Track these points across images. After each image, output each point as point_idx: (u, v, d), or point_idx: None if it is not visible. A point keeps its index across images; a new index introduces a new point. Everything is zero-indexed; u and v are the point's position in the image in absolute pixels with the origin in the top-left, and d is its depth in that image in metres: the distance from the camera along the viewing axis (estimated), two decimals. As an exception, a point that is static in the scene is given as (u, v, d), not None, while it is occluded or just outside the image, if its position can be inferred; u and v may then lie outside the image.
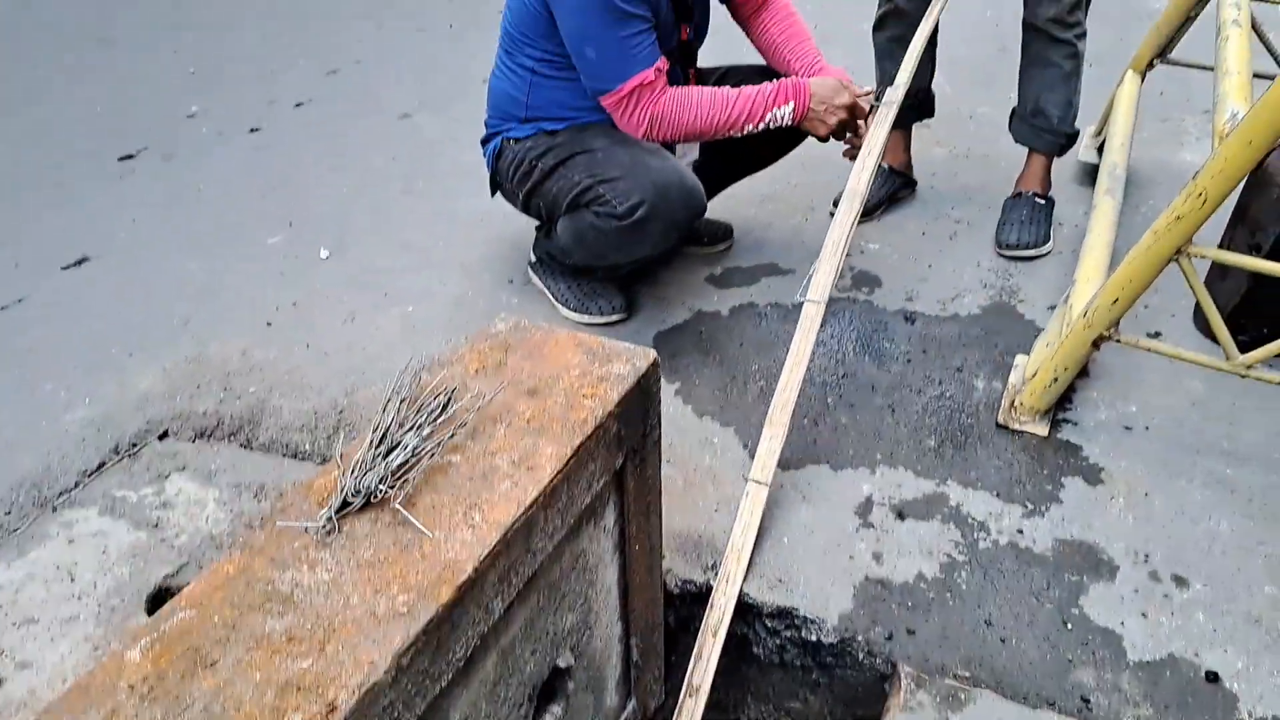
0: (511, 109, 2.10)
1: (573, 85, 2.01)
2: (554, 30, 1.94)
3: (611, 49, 1.87)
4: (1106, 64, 3.11)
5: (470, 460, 1.19)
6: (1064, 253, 2.37)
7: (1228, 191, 1.53)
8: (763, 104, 1.95)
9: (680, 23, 2.03)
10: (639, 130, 1.95)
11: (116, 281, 2.35)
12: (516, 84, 2.07)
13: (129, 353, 2.10)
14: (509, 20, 2.05)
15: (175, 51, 3.67)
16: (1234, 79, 1.71)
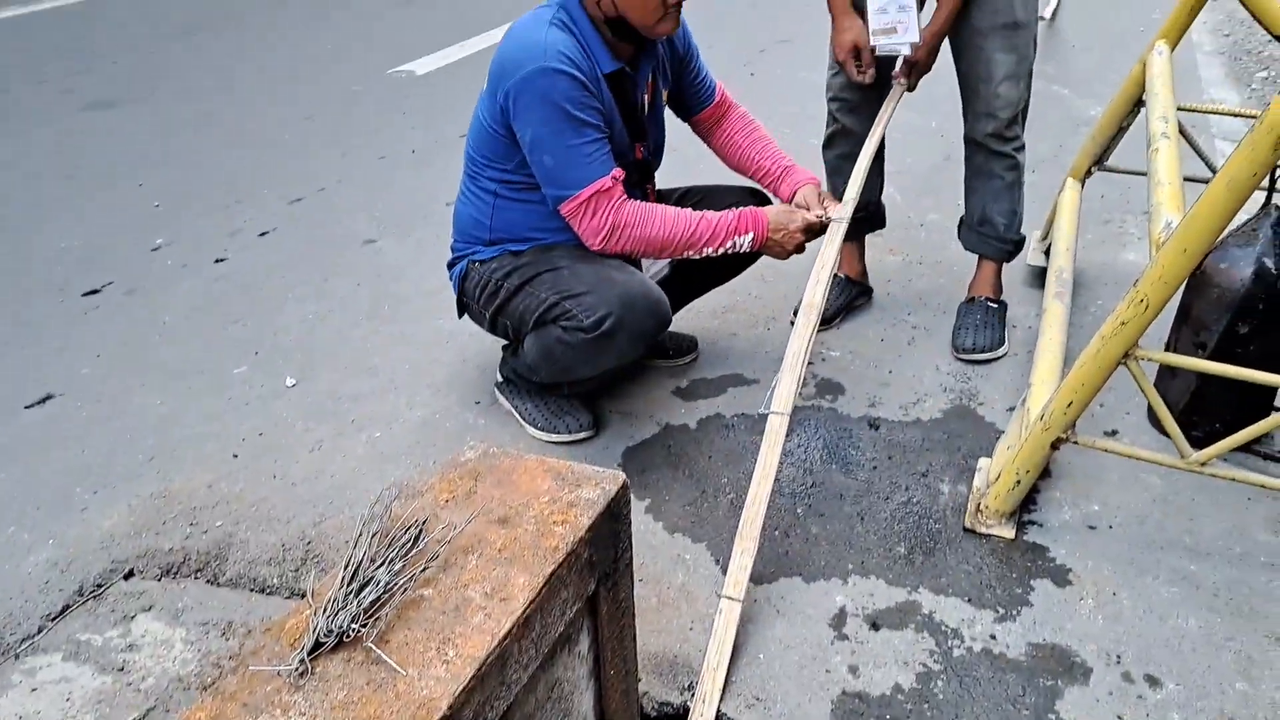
0: (476, 232, 2.15)
1: (535, 207, 2.06)
2: (513, 151, 2.00)
3: (568, 155, 1.93)
4: (1047, 170, 3.24)
5: (443, 593, 1.19)
6: (1019, 354, 2.43)
7: (1168, 297, 1.59)
8: (724, 231, 2.02)
9: (635, 142, 2.10)
10: (598, 237, 1.99)
11: (81, 418, 2.34)
12: (480, 207, 2.12)
13: (93, 490, 2.08)
14: (470, 143, 2.12)
15: (140, 185, 3.72)
16: (1166, 189, 1.79)
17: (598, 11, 1.90)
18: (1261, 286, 1.93)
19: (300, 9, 6.72)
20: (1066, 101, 4.17)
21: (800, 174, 2.23)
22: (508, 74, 1.89)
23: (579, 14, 1.92)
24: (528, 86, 1.86)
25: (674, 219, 2.01)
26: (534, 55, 1.85)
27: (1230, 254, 1.99)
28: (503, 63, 1.92)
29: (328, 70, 5.22)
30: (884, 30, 2.25)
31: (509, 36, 1.94)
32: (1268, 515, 1.90)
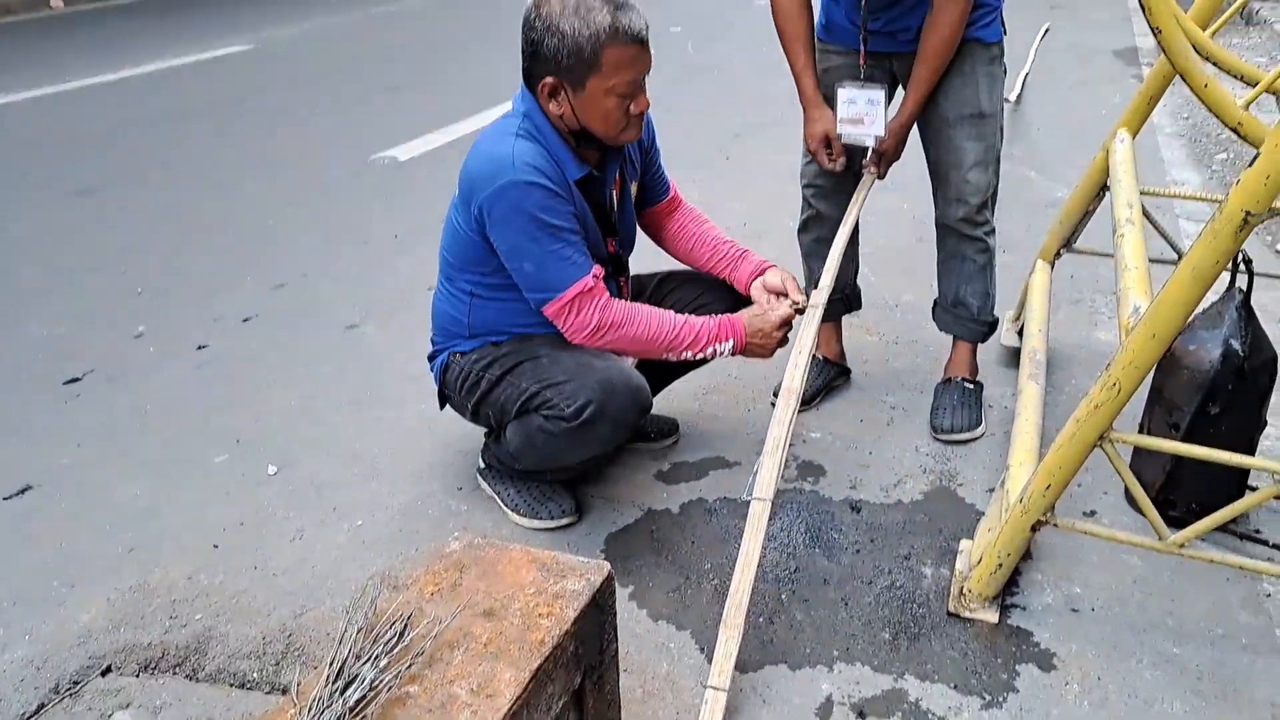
0: (455, 328, 2.17)
1: (513, 305, 2.09)
2: (489, 256, 2.03)
3: (547, 261, 1.96)
4: (1018, 250, 3.31)
5: (428, 690, 1.19)
6: (996, 434, 2.46)
7: (1140, 380, 1.63)
8: (705, 338, 2.07)
9: (607, 238, 2.13)
10: (582, 336, 2.02)
11: (60, 510, 2.32)
12: (458, 306, 2.15)
13: (71, 584, 2.06)
14: (445, 246, 2.15)
15: (123, 272, 3.73)
16: (1133, 274, 1.84)
17: (561, 124, 1.94)
18: (1229, 368, 1.98)
19: (284, 96, 6.82)
20: (1034, 183, 4.28)
21: (755, 259, 2.26)
22: (479, 187, 1.93)
23: (543, 123, 1.95)
24: (501, 199, 1.90)
25: (658, 322, 2.04)
26: (504, 168, 1.89)
27: (1198, 336, 2.04)
28: (473, 176, 1.95)
29: (311, 156, 5.28)
30: (851, 120, 2.32)
31: (476, 150, 1.98)
32: (1246, 595, 1.91)
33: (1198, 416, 2.02)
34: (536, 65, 1.90)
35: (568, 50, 1.83)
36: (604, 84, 1.86)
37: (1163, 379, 2.10)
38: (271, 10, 11.24)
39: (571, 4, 1.83)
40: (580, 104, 1.90)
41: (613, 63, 1.85)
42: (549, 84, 1.89)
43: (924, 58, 2.23)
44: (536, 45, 1.87)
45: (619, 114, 1.92)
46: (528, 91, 1.96)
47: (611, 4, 1.83)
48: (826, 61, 2.41)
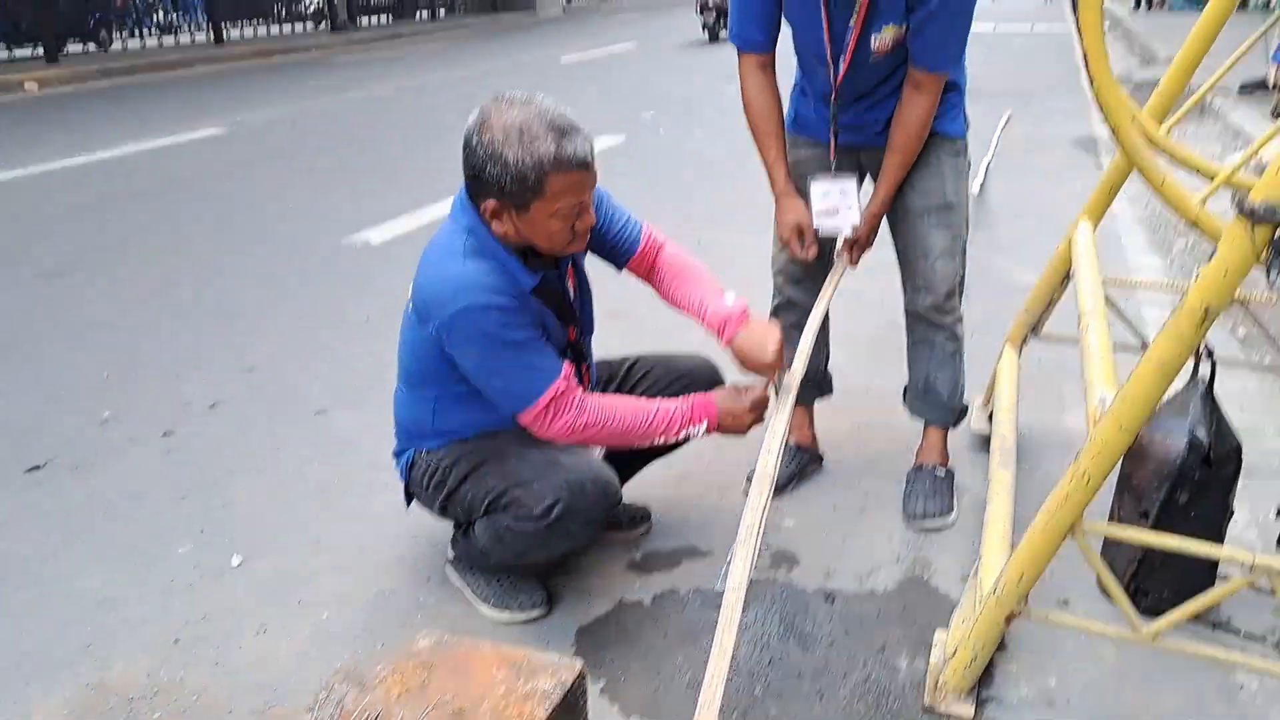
0: (419, 429, 2.16)
1: (478, 405, 2.08)
2: (452, 369, 2.02)
3: (516, 376, 1.95)
4: (985, 335, 3.34)
5: (393, 799, 1.15)
6: (968, 521, 2.46)
7: (1108, 470, 1.64)
8: (679, 421, 2.06)
9: (566, 325, 2.14)
10: (562, 437, 2.01)
11: (19, 602, 2.26)
12: (422, 410, 2.14)
13: (26, 682, 1.99)
14: (405, 357, 2.14)
15: (90, 355, 3.70)
16: (1098, 364, 1.87)
17: (506, 240, 1.95)
18: (1196, 457, 2.00)
19: (257, 178, 6.86)
20: (1000, 269, 4.35)
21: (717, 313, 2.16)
22: (434, 310, 1.92)
23: (488, 239, 1.94)
24: (459, 324, 1.89)
25: (632, 413, 2.04)
26: (458, 292, 1.88)
27: (1164, 425, 2.06)
28: (427, 297, 1.95)
29: (284, 238, 5.30)
30: (826, 212, 2.36)
31: (427, 267, 1.98)
32: (1220, 686, 1.91)
33: (1166, 505, 2.03)
34: (479, 187, 1.90)
35: (511, 177, 1.83)
36: (548, 208, 1.86)
37: (1131, 468, 2.12)
38: (245, 95, 11.37)
39: (515, 132, 1.81)
40: (524, 224, 1.90)
41: (557, 189, 1.84)
42: (492, 206, 1.89)
43: (894, 149, 2.28)
44: (478, 169, 1.87)
45: (564, 233, 1.92)
46: (469, 205, 1.95)
47: (556, 130, 1.82)
48: (796, 153, 2.46)
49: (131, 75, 13.80)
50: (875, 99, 2.30)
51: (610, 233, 2.23)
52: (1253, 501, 2.44)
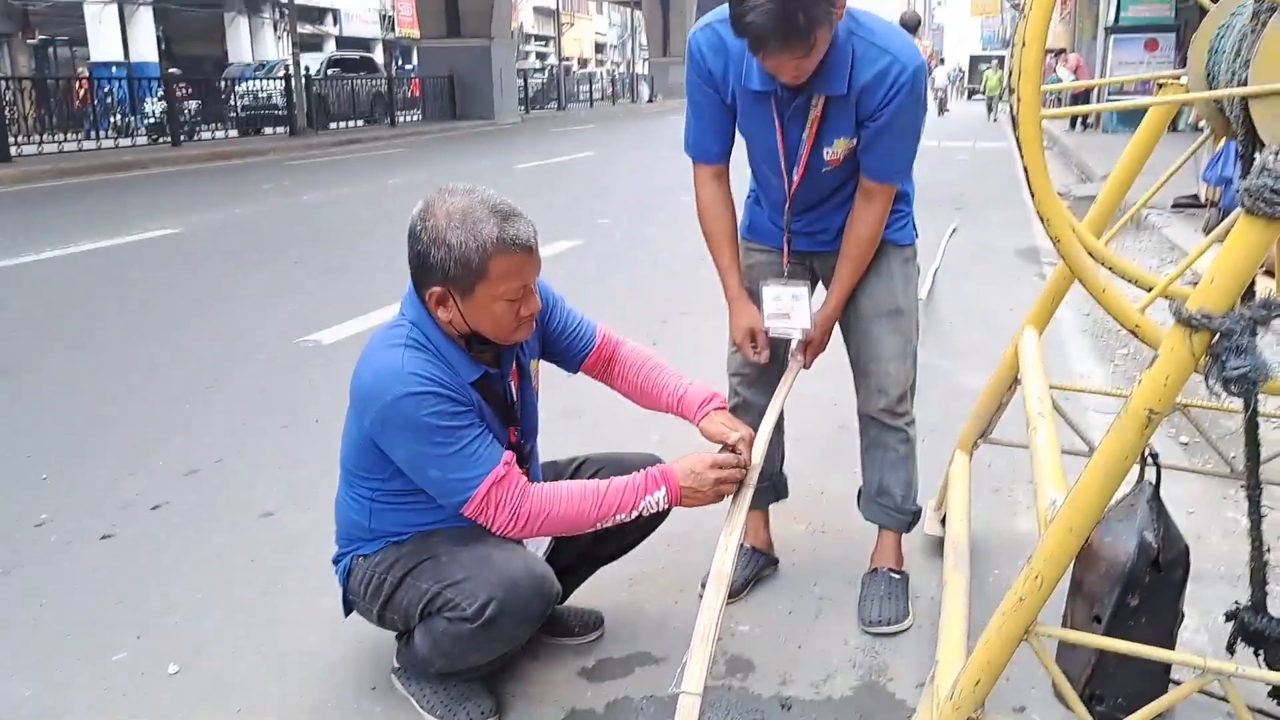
0: (357, 532, 2.13)
1: (411, 508, 2.07)
2: (385, 464, 2.01)
3: (452, 464, 1.93)
4: (935, 439, 3.38)
5: None
6: (923, 626, 2.45)
7: (1061, 573, 1.64)
8: (633, 493, 2.02)
9: (508, 426, 2.13)
10: (505, 529, 1.98)
11: (-64, 713, 2.16)
12: (359, 510, 2.11)
13: (-58, 799, 1.89)
14: (345, 456, 2.13)
15: (29, 457, 3.61)
16: (1047, 467, 1.89)
17: (451, 329, 1.97)
18: (1145, 560, 2.01)
19: (210, 278, 6.84)
20: (948, 373, 4.42)
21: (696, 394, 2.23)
22: (370, 403, 1.92)
23: (432, 330, 1.96)
24: (393, 413, 1.89)
25: (580, 494, 2.01)
26: (394, 381, 1.88)
27: (1113, 529, 2.08)
28: (364, 391, 1.95)
29: (235, 338, 5.26)
30: (777, 315, 2.40)
31: (364, 362, 1.98)
32: (1179, 792, 1.88)
33: (1118, 609, 2.03)
34: (424, 274, 1.92)
35: (455, 260, 1.86)
36: (492, 291, 1.89)
37: (1082, 572, 2.12)
38: (202, 196, 11.42)
39: (458, 216, 1.86)
40: (469, 310, 1.92)
41: (500, 272, 1.87)
42: (437, 293, 1.91)
43: (847, 256, 2.34)
44: (423, 256, 1.89)
45: (509, 318, 1.94)
46: (416, 299, 1.97)
47: (498, 215, 1.87)
48: (750, 258, 2.50)
49: (86, 175, 13.83)
50: (827, 208, 2.37)
51: (565, 333, 2.25)
52: (1202, 605, 2.46)
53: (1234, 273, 1.46)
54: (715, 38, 2.21)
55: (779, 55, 1.95)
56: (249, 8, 34.03)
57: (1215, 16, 1.94)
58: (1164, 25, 17.80)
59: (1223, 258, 1.48)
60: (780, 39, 1.90)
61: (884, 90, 2.10)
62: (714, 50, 2.22)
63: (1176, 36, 17.63)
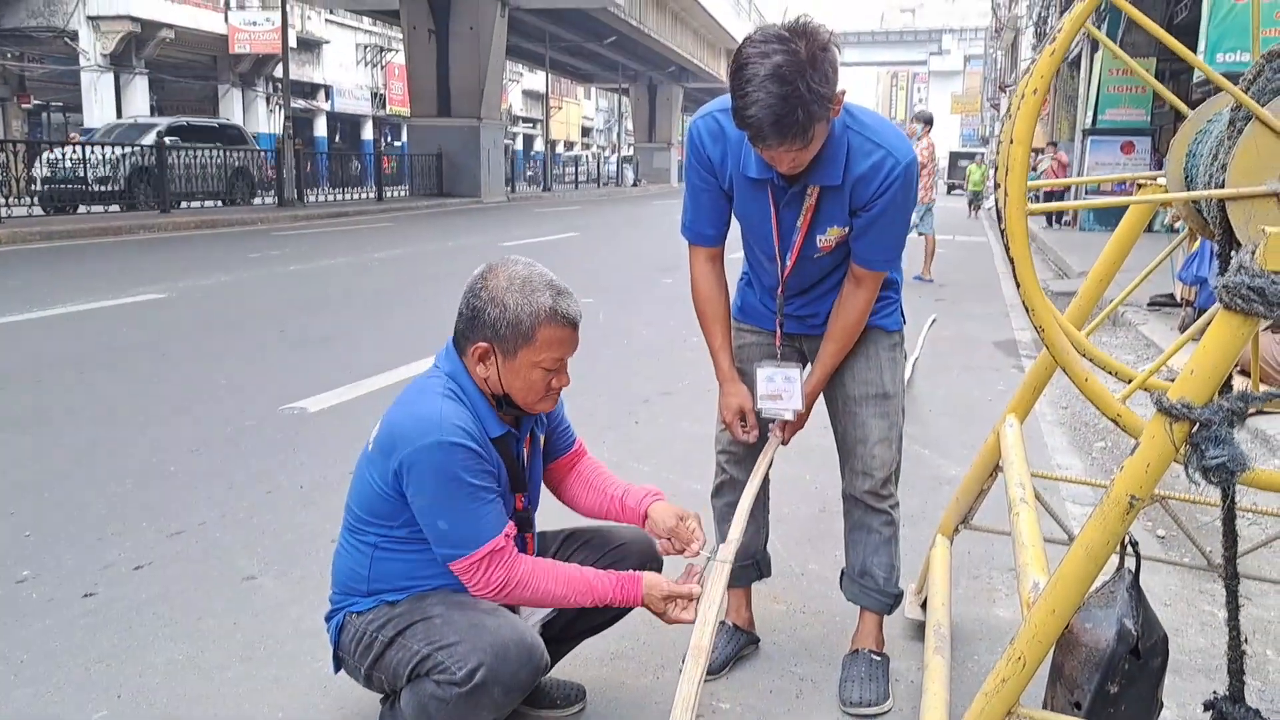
0: (354, 583, 2.15)
1: (414, 558, 2.11)
2: (400, 511, 2.06)
3: (463, 520, 2.00)
4: (916, 525, 3.43)
5: None
6: (904, 709, 2.46)
7: (1043, 655, 1.69)
8: (604, 593, 2.11)
9: (516, 493, 2.18)
10: (489, 592, 2.04)
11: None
12: (359, 559, 2.14)
13: None
14: (354, 500, 2.16)
15: (12, 514, 3.60)
16: (1030, 551, 1.94)
17: (485, 386, 2.07)
18: (1125, 647, 2.05)
19: (196, 343, 6.87)
20: (929, 461, 4.48)
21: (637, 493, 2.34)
22: (403, 444, 1.99)
23: (468, 384, 2.07)
24: (425, 458, 1.96)
25: (562, 579, 2.09)
26: (430, 428, 1.97)
27: (1093, 615, 2.11)
28: (398, 432, 2.02)
29: (218, 405, 5.27)
30: (770, 397, 2.46)
31: (402, 405, 2.07)
32: None
33: (1098, 695, 2.06)
34: (473, 330, 2.03)
35: (508, 321, 1.99)
36: (534, 357, 2.01)
37: (1063, 657, 2.15)
38: (188, 262, 11.49)
39: (518, 282, 2.01)
40: (507, 371, 2.03)
41: (545, 339, 2.01)
42: (481, 348, 2.02)
43: (833, 337, 2.41)
44: (478, 312, 2.01)
45: (541, 386, 2.05)
46: (454, 353, 2.08)
47: (553, 289, 2.02)
48: (741, 339, 2.57)
49: (76, 239, 13.90)
50: (818, 292, 2.45)
51: (557, 429, 2.38)
52: (1180, 698, 2.50)
53: (1213, 365, 1.53)
54: (715, 126, 2.31)
55: (777, 148, 2.05)
56: (243, 81, 34.57)
57: (1193, 122, 2.05)
58: (1140, 129, 18.33)
59: (1202, 351, 1.56)
60: (779, 133, 2.00)
61: (877, 182, 2.20)
62: (714, 138, 2.31)
63: (1152, 140, 18.18)
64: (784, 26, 1.98)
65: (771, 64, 1.92)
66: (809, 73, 1.93)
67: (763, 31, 1.99)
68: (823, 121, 2.03)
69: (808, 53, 1.94)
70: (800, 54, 1.93)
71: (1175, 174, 2.12)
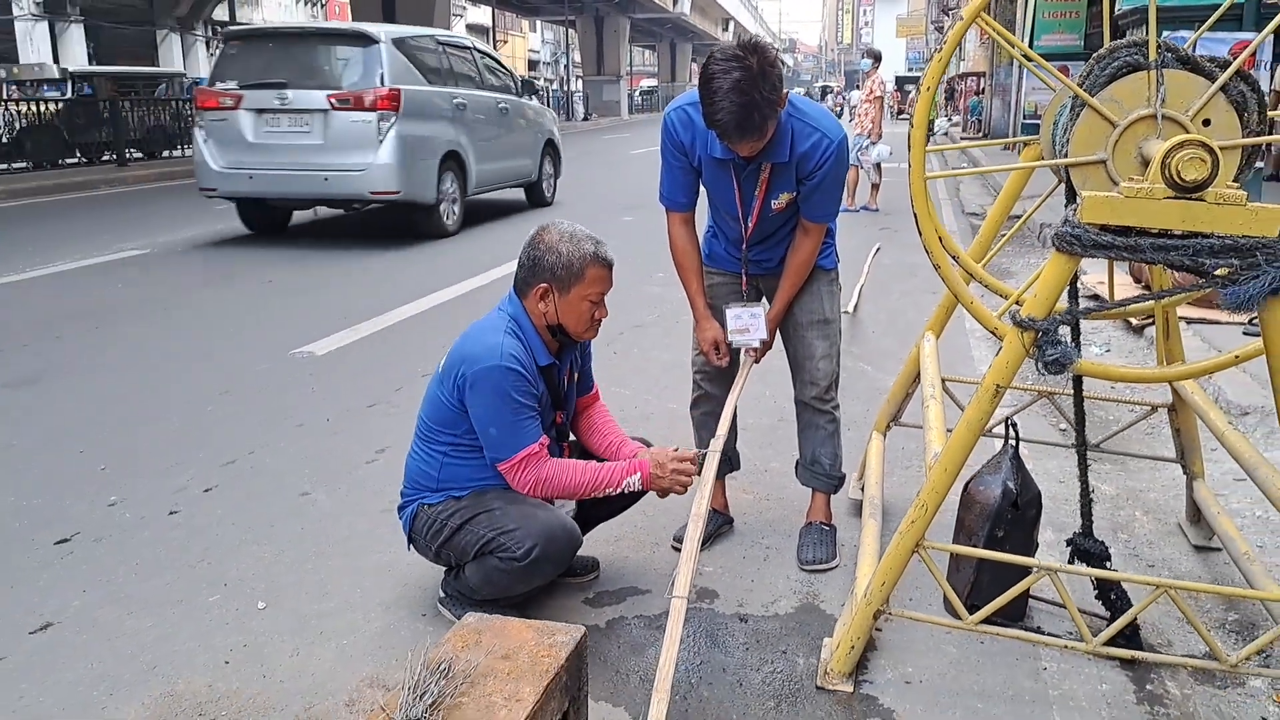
0: (425, 481, 2.76)
1: (474, 463, 2.72)
2: (460, 420, 2.67)
3: (508, 429, 2.61)
4: (858, 427, 4.10)
5: (475, 700, 1.75)
6: (847, 565, 3.14)
7: (939, 502, 2.34)
8: (618, 477, 2.73)
9: (556, 410, 2.80)
10: (526, 489, 2.66)
11: (80, 641, 2.72)
12: (431, 462, 2.75)
13: (109, 692, 2.48)
14: (425, 413, 2.77)
15: (81, 452, 4.15)
16: (934, 430, 2.59)
17: (541, 319, 2.68)
18: (1007, 501, 2.73)
19: (192, 296, 7.32)
20: (869, 375, 5.16)
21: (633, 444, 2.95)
22: (469, 363, 2.60)
23: (525, 322, 2.68)
24: (485, 376, 2.57)
25: (581, 472, 2.70)
26: (493, 354, 2.58)
27: (986, 480, 2.79)
28: (464, 354, 2.63)
29: (233, 352, 5.78)
30: (739, 331, 3.08)
31: (470, 336, 2.68)
32: (1029, 669, 2.60)
33: (989, 539, 2.75)
34: (534, 275, 2.65)
35: (563, 264, 2.62)
36: (584, 291, 2.64)
37: (964, 513, 2.83)
38: (158, 217, 11.79)
39: (567, 235, 2.64)
40: (563, 305, 2.64)
41: (592, 277, 2.64)
42: (543, 288, 2.64)
43: (788, 275, 3.04)
44: (538, 260, 2.64)
45: (588, 316, 2.67)
46: (516, 298, 2.69)
47: (593, 240, 2.66)
48: (710, 280, 3.19)
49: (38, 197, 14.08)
50: (772, 242, 3.07)
51: (584, 372, 3.00)
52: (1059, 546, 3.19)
53: (1049, 290, 2.18)
54: (685, 116, 2.90)
55: (739, 143, 2.66)
56: (182, 25, 34.00)
57: (1059, 99, 2.65)
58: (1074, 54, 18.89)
59: (1042, 280, 2.20)
60: (741, 133, 2.61)
61: (816, 158, 2.81)
62: (684, 126, 2.90)
63: (1086, 64, 18.79)
64: (739, 45, 2.57)
65: (732, 79, 2.52)
66: (762, 84, 2.53)
67: (723, 51, 2.58)
68: (774, 119, 2.64)
69: (759, 68, 2.53)
70: (754, 69, 2.52)
71: (1046, 138, 2.75)
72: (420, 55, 9.96)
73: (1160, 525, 3.46)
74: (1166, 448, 3.58)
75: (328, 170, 9.18)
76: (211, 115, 9.53)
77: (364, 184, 9.17)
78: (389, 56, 9.31)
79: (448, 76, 10.40)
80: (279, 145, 9.33)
